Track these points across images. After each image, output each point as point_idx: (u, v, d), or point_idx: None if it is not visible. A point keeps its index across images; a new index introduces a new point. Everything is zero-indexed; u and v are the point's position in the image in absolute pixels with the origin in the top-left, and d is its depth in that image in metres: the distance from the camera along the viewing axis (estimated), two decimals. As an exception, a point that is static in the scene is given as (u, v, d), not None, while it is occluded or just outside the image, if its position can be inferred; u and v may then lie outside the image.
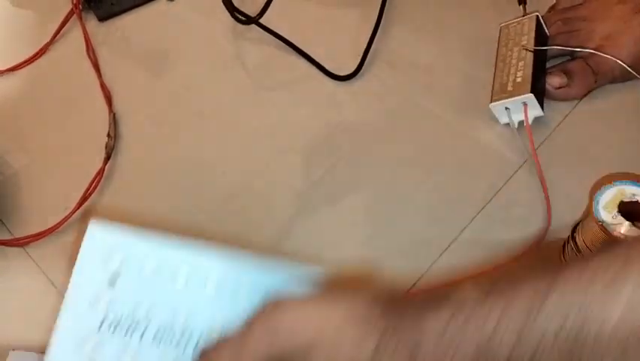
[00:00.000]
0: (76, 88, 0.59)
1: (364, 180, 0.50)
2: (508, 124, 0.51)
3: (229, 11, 0.56)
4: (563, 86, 0.52)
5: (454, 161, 0.50)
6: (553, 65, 0.54)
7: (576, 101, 0.53)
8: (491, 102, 0.51)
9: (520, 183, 0.49)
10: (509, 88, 0.50)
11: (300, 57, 0.58)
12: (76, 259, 0.46)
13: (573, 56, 0.54)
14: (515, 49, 0.53)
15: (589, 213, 0.40)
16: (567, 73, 0.52)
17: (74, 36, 0.63)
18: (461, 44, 0.58)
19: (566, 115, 0.52)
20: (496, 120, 0.52)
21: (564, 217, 0.46)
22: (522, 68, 0.51)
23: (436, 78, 0.56)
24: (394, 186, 0.49)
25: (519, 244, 0.45)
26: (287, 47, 0.58)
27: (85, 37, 0.62)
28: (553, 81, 0.52)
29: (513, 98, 0.49)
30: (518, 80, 0.50)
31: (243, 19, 0.57)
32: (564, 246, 0.44)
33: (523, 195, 0.48)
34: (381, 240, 0.47)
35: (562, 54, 0.55)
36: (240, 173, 0.51)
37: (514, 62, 0.52)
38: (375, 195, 0.49)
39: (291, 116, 0.55)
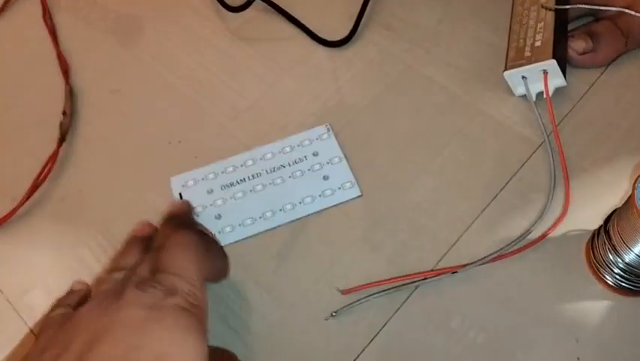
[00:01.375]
0: (29, 59, 0.52)
1: (360, 163, 0.43)
2: (524, 96, 0.44)
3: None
4: (588, 52, 0.45)
5: (462, 139, 0.43)
6: (575, 28, 0.47)
7: (603, 69, 0.46)
8: (505, 70, 0.44)
9: (538, 165, 0.42)
10: (527, 53, 0.43)
11: (286, 21, 0.50)
12: (24, 257, 0.41)
13: (598, 17, 0.47)
14: (533, 8, 0.46)
15: (628, 201, 0.33)
16: (592, 36, 0.45)
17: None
18: (469, 3, 0.50)
19: (591, 85, 0.45)
20: (510, 91, 0.45)
21: (588, 204, 0.40)
22: (541, 31, 0.44)
23: (441, 43, 0.48)
24: (394, 169, 0.43)
25: (536, 234, 0.39)
26: (271, 9, 0.51)
27: (41, 0, 0.55)
28: (577, 45, 0.45)
29: (532, 65, 0.42)
30: (537, 44, 0.43)
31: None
32: (593, 238, 0.38)
33: (542, 179, 0.41)
34: (380, 230, 0.40)
35: (585, 14, 0.48)
36: (217, 155, 0.44)
37: (532, 23, 0.45)
38: (372, 180, 0.42)
39: (276, 90, 0.47)
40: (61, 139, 0.45)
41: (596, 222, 0.38)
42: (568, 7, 0.45)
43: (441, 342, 0.36)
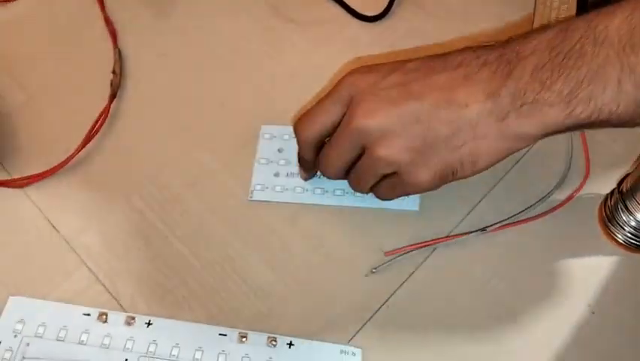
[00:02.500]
0: (78, 22, 0.55)
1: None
2: (545, 73, 0.48)
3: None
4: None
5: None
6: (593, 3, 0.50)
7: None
8: (530, 48, 0.47)
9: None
10: (550, 33, 0.47)
11: (326, -2, 0.54)
12: (79, 201, 0.44)
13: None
14: (557, -9, 0.49)
15: (640, 165, 0.37)
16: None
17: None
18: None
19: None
20: (532, 69, 0.48)
21: (601, 172, 0.43)
22: (565, 12, 0.47)
23: (469, 22, 0.52)
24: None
25: (554, 200, 0.42)
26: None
27: (87, -33, 0.58)
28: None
29: (555, 44, 0.46)
30: (560, 24, 0.47)
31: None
32: (606, 200, 0.41)
33: (561, 147, 0.45)
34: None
35: None
36: (254, 118, 0.47)
37: (555, 4, 0.48)
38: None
39: (311, 59, 0.51)
40: (112, 96, 0.48)
41: (608, 188, 0.42)
42: (590, -10, 0.48)
43: (465, 286, 0.40)
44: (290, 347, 0.38)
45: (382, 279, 0.40)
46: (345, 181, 0.41)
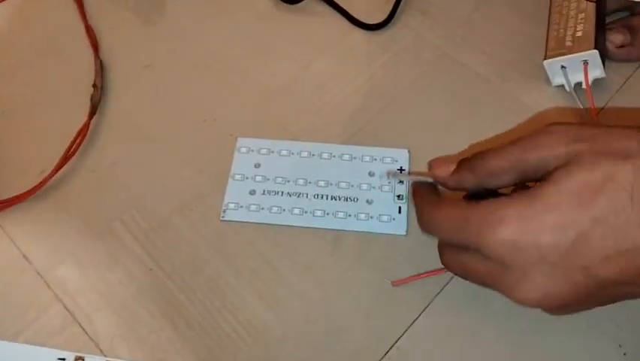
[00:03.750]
0: (57, 31, 0.51)
1: (397, 148, 0.43)
2: (561, 86, 0.44)
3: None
4: (626, 45, 0.45)
5: (499, 128, 0.43)
6: (612, 21, 0.47)
7: (639, 63, 0.46)
8: (546, 59, 0.44)
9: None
10: (568, 43, 0.43)
11: (323, 3, 0.50)
12: (55, 230, 0.40)
13: (635, 11, 0.47)
14: (573, -1, 0.46)
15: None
16: (631, 29, 0.45)
17: (55, -29, 0.54)
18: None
19: (628, 78, 0.45)
20: (546, 81, 0.45)
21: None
22: (582, 21, 0.44)
23: (476, 31, 0.48)
24: (428, 156, 0.42)
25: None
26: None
27: (67, -28, 0.54)
28: (616, 38, 0.45)
29: (573, 55, 0.42)
30: (578, 34, 0.43)
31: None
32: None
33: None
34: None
35: (621, 8, 0.48)
36: (247, 133, 0.44)
37: (572, 13, 0.45)
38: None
39: (310, 71, 0.47)
40: (93, 111, 0.44)
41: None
42: (609, -2, 0.45)
43: (487, 324, 0.36)
44: (287, 395, 0.34)
45: (390, 314, 0.36)
46: (326, 202, 0.38)
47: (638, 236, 0.27)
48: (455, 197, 0.33)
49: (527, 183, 0.31)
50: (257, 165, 0.42)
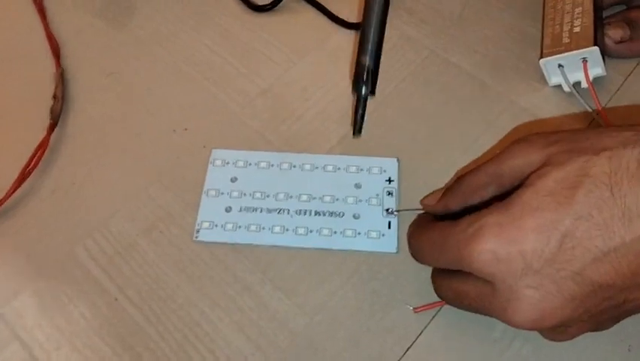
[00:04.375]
0: (15, 37, 0.47)
1: (386, 156, 0.39)
2: (558, 86, 0.42)
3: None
4: (625, 40, 0.42)
5: (493, 132, 0.40)
6: (609, 15, 0.44)
7: (639, 59, 0.43)
8: (542, 57, 0.41)
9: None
10: (565, 40, 0.40)
11: (303, 2, 0.47)
12: (11, 258, 0.36)
13: (633, 4, 0.44)
14: (568, -8, 0.43)
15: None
16: (630, 23, 0.42)
17: (13, -27, 0.50)
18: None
19: (628, 75, 0.43)
20: (542, 81, 0.42)
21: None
22: (579, 16, 0.41)
23: (467, 29, 0.45)
24: (420, 164, 0.39)
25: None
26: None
27: (26, -26, 0.50)
28: (615, 33, 0.42)
29: (571, 53, 0.39)
30: (576, 30, 0.40)
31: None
32: None
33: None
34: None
35: (617, 2, 0.45)
36: (222, 145, 0.40)
37: (568, 7, 0.42)
38: (399, 176, 0.38)
39: (290, 76, 0.44)
40: (52, 125, 0.41)
41: None
42: (607, -9, 0.42)
43: (484, 350, 0.33)
44: None
45: (381, 342, 0.33)
46: (310, 218, 0.36)
47: (624, 231, 0.25)
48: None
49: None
50: (233, 180, 0.39)
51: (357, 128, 0.35)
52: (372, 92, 0.34)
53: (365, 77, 0.33)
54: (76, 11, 0.48)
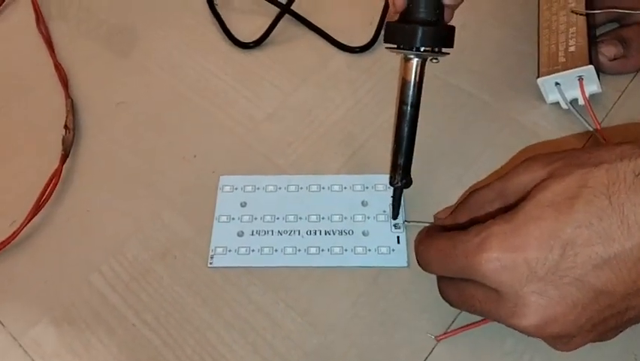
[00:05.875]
0: (24, 69, 0.48)
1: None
2: (556, 103, 0.43)
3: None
4: (619, 57, 0.44)
5: (494, 149, 0.41)
6: (602, 34, 0.45)
7: (633, 75, 0.45)
8: (539, 76, 0.42)
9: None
10: (561, 59, 0.42)
11: (303, 26, 0.48)
12: (28, 286, 0.37)
13: (625, 22, 0.45)
14: (562, 13, 0.44)
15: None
16: (623, 41, 0.44)
17: (21, 5, 0.52)
18: (493, 8, 0.49)
19: (622, 91, 0.44)
20: (541, 99, 0.43)
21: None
22: (574, 35, 0.42)
23: (466, 49, 0.47)
24: (424, 184, 0.40)
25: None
26: (286, 14, 0.48)
27: (34, 7, 0.51)
28: (608, 51, 0.43)
29: (568, 72, 0.41)
30: (571, 49, 0.42)
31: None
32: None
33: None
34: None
35: (611, 20, 0.46)
36: (230, 170, 0.41)
37: (562, 27, 0.43)
38: (405, 196, 0.40)
39: (293, 100, 0.45)
40: (65, 155, 0.42)
41: None
42: (600, 11, 0.43)
43: (494, 367, 0.33)
44: None
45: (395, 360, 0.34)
46: (320, 238, 0.37)
47: (623, 238, 0.26)
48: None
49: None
50: (243, 204, 0.40)
51: (394, 214, 0.38)
52: (408, 184, 0.37)
53: (401, 175, 0.36)
54: (83, 41, 0.50)
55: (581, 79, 0.41)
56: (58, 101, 0.45)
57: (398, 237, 0.38)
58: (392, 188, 0.37)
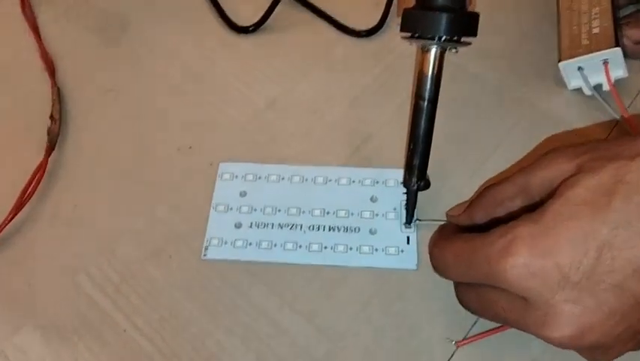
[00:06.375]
0: (8, 56, 0.45)
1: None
2: (578, 89, 0.40)
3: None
4: (645, 41, 0.41)
5: (514, 138, 0.38)
6: (625, 15, 0.43)
7: (659, 59, 0.42)
8: (561, 60, 0.39)
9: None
10: (584, 42, 0.39)
11: (305, 9, 0.45)
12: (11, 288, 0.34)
13: (649, 3, 0.43)
14: (584, -8, 0.41)
15: None
16: (648, 23, 0.41)
17: (4, -11, 0.49)
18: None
19: (649, 76, 0.41)
20: (561, 84, 0.40)
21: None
22: (597, 16, 0.39)
23: (480, 32, 0.43)
24: (439, 174, 0.37)
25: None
26: (285, -3, 0.45)
27: (18, -10, 0.48)
28: (634, 34, 0.40)
29: (592, 55, 0.38)
30: (595, 30, 0.39)
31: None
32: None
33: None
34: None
35: (634, 2, 0.43)
36: (225, 162, 0.38)
37: (584, 7, 0.40)
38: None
39: (297, 88, 0.42)
40: (50, 147, 0.39)
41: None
42: (626, -10, 0.40)
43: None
44: None
45: None
46: (323, 234, 0.34)
47: None
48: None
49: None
50: (242, 194, 0.37)
51: (407, 218, 0.35)
52: (425, 187, 0.34)
53: (416, 176, 0.33)
54: (71, 28, 0.47)
55: (606, 63, 0.38)
56: (44, 90, 0.42)
57: (408, 237, 0.35)
58: (405, 189, 0.34)
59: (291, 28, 0.45)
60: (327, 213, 0.36)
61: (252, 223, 0.36)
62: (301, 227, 0.36)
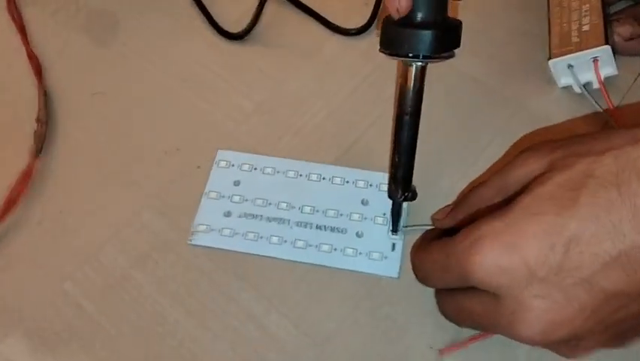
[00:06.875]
0: (-7, 58, 0.45)
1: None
2: (568, 87, 0.40)
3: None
4: (635, 37, 0.40)
5: (504, 138, 0.38)
6: (616, 12, 0.42)
7: (650, 56, 0.41)
8: (550, 58, 0.39)
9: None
10: (574, 39, 0.38)
11: (293, 7, 0.44)
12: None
13: (639, 0, 0.42)
14: (574, -11, 0.41)
15: None
16: (638, 19, 0.40)
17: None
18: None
19: (639, 73, 0.41)
20: (551, 82, 0.40)
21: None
22: (587, 14, 0.39)
23: (470, 30, 0.43)
24: (429, 175, 0.37)
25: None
26: (273, -4, 0.45)
27: (3, -11, 0.48)
28: (624, 31, 0.40)
29: (582, 52, 0.38)
30: (585, 28, 0.38)
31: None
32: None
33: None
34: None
35: (625, -3, 0.43)
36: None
37: (574, 5, 0.40)
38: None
39: (286, 88, 0.41)
40: (37, 151, 0.38)
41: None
42: (615, -14, 0.40)
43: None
44: None
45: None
46: (310, 232, 0.35)
47: (634, 233, 0.23)
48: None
49: None
50: (236, 183, 0.37)
51: (394, 228, 0.35)
52: (412, 198, 0.34)
53: (402, 188, 0.33)
54: (58, 29, 0.46)
55: (595, 60, 0.38)
56: (31, 92, 0.42)
57: (394, 244, 0.35)
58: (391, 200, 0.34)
59: (280, 26, 0.45)
60: (317, 211, 0.36)
61: (241, 213, 0.36)
62: (289, 222, 0.36)
